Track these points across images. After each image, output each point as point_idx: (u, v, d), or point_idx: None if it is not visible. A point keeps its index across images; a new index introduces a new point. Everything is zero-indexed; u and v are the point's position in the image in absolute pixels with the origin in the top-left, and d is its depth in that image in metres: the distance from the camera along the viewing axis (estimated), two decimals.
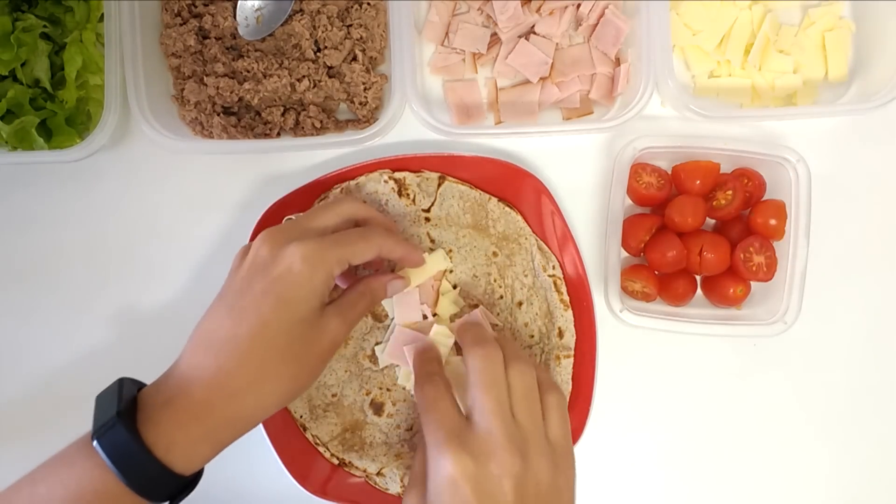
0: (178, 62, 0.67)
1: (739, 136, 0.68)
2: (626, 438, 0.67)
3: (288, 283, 0.48)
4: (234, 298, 0.49)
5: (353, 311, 0.54)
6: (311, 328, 0.49)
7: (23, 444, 0.67)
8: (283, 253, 0.49)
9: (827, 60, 0.69)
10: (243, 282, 0.50)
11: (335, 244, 0.51)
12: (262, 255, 0.50)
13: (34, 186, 0.69)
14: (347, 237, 0.52)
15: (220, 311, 0.50)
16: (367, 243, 0.53)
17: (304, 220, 0.54)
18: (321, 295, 0.50)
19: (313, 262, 0.49)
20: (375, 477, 0.63)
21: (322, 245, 0.50)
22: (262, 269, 0.49)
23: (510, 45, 0.68)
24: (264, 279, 0.49)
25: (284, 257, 0.49)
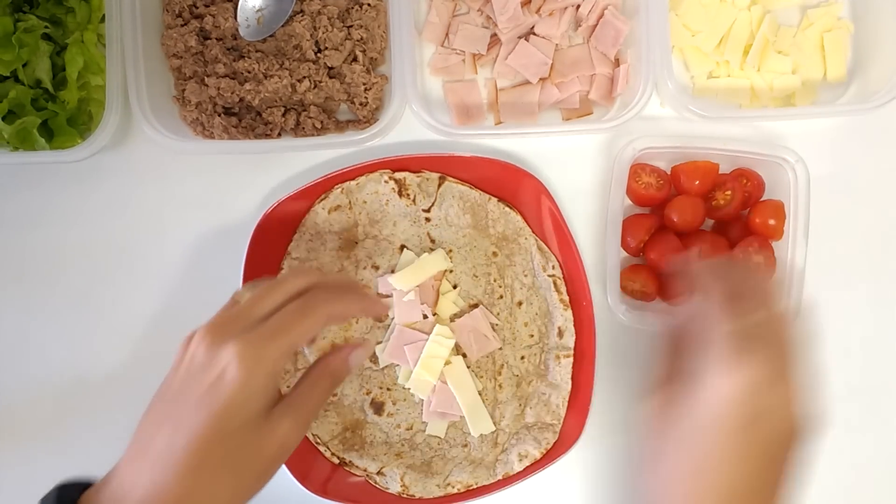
0: (179, 63, 0.67)
1: (738, 137, 0.68)
2: (627, 436, 0.67)
3: (221, 393, 0.44)
4: (171, 404, 0.46)
5: (307, 406, 0.49)
6: (253, 436, 0.45)
7: (23, 443, 0.67)
8: (218, 355, 0.45)
9: (825, 61, 0.69)
10: (181, 385, 0.46)
11: (273, 335, 0.46)
12: (198, 358, 0.46)
13: (36, 187, 0.69)
14: (284, 321, 0.47)
15: (158, 416, 0.46)
16: (311, 318, 0.48)
17: (244, 309, 0.48)
18: (263, 398, 0.45)
19: (249, 364, 0.44)
20: (376, 476, 0.64)
21: (258, 340, 0.45)
22: (198, 373, 0.45)
23: (510, 46, 0.68)
24: (199, 387, 0.44)
25: (219, 361, 0.44)
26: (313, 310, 0.48)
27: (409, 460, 0.64)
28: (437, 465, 0.64)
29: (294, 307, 0.48)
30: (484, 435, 0.64)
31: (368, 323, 0.65)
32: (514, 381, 0.65)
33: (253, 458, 0.45)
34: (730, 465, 0.44)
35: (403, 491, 0.63)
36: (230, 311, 0.48)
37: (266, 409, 0.46)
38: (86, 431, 0.67)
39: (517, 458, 0.63)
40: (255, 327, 0.46)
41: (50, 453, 0.67)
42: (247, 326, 0.46)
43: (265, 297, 0.49)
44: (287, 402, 0.48)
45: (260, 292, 0.49)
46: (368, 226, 0.66)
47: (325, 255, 0.65)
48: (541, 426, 0.64)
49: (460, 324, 0.65)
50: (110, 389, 0.67)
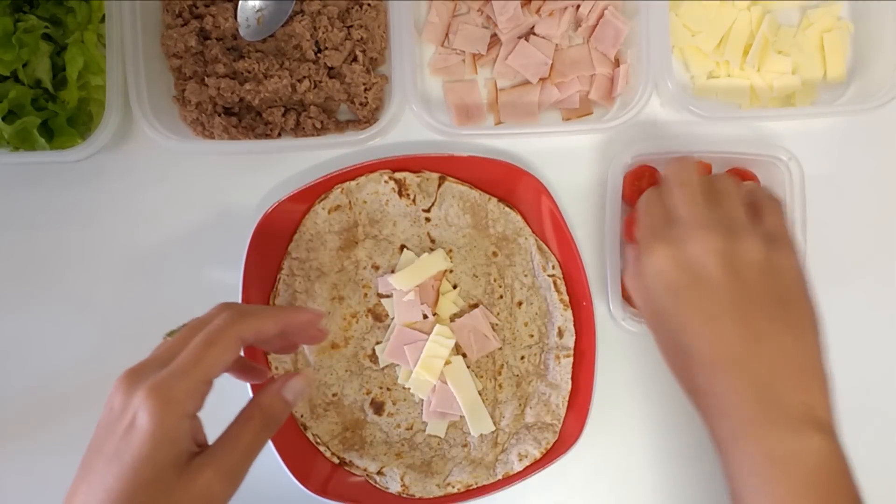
0: (179, 63, 0.67)
1: (732, 138, 0.68)
2: (627, 438, 0.67)
3: (132, 443, 0.41)
4: (91, 459, 0.43)
5: (234, 453, 0.43)
6: (168, 490, 0.41)
7: (23, 444, 0.67)
8: (130, 403, 0.42)
9: (825, 61, 0.69)
10: (99, 439, 0.43)
11: (179, 373, 0.42)
12: (114, 407, 0.43)
13: (36, 187, 0.69)
14: (190, 355, 0.43)
15: (81, 472, 0.43)
16: (219, 346, 0.44)
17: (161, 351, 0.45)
18: (176, 444, 0.41)
19: (157, 407, 0.40)
20: (376, 476, 0.64)
21: (165, 381, 0.42)
22: (114, 424, 0.42)
23: (510, 46, 0.68)
24: (113, 438, 0.42)
25: (130, 408, 0.41)
26: (220, 336, 0.44)
27: (409, 460, 0.64)
28: (437, 465, 0.64)
29: (199, 338, 0.44)
30: (484, 435, 0.64)
31: (369, 322, 0.66)
32: (513, 381, 0.65)
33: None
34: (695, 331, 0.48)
35: (403, 491, 0.63)
36: (147, 359, 0.46)
37: (183, 456, 0.42)
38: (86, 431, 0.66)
39: (517, 458, 0.63)
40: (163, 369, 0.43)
41: (50, 453, 0.67)
42: (159, 370, 0.43)
43: (185, 337, 0.45)
44: (211, 449, 0.43)
45: (181, 333, 0.46)
46: (368, 226, 0.66)
47: (325, 255, 0.65)
48: (541, 426, 0.64)
49: (460, 324, 0.65)
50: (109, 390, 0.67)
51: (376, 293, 0.66)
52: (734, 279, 0.48)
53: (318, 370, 0.65)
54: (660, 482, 0.67)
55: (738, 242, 0.49)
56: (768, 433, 0.46)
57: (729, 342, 0.47)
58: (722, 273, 0.48)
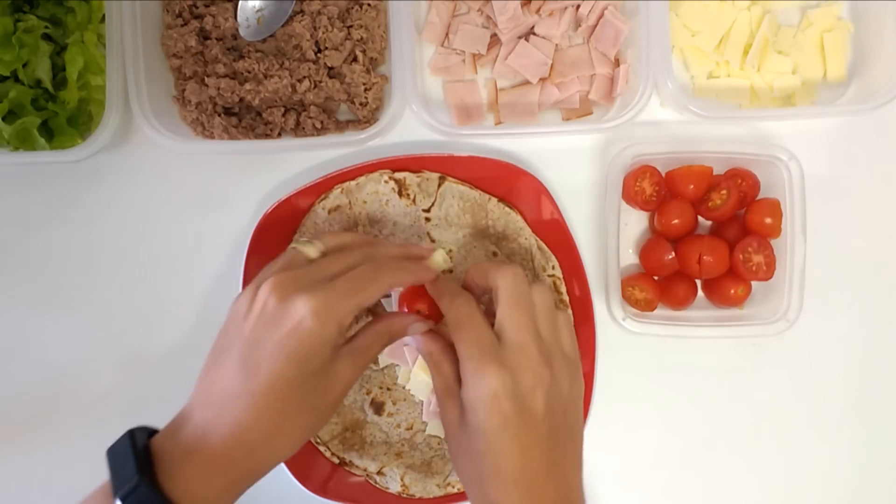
0: (179, 63, 0.67)
1: (731, 138, 0.68)
2: (628, 439, 0.67)
3: (299, 339, 0.47)
4: (246, 350, 0.48)
5: (366, 356, 0.53)
6: (324, 378, 0.49)
7: (23, 444, 0.67)
8: (292, 306, 0.48)
9: (825, 61, 0.69)
10: (253, 333, 0.49)
11: (344, 294, 0.49)
12: (270, 307, 0.49)
13: (36, 187, 0.69)
14: (356, 283, 0.51)
15: (231, 363, 0.48)
16: (378, 285, 0.51)
17: (312, 269, 0.52)
18: (333, 346, 0.49)
19: (323, 317, 0.48)
20: (376, 476, 0.64)
21: (331, 297, 0.49)
22: (272, 322, 0.48)
23: (510, 46, 0.68)
24: (275, 333, 0.48)
25: (295, 312, 0.48)
26: (380, 277, 0.52)
27: (409, 460, 0.64)
28: (437, 465, 0.64)
29: (364, 271, 0.51)
30: None
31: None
32: None
33: (324, 397, 0.49)
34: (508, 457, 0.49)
35: (403, 491, 0.63)
36: (299, 270, 0.51)
37: (334, 354, 0.50)
38: (86, 431, 0.67)
39: None
40: (325, 285, 0.49)
41: (50, 453, 0.67)
42: (316, 283, 0.49)
43: (332, 261, 0.52)
44: (350, 347, 0.51)
45: (331, 257, 0.53)
46: (368, 226, 0.66)
47: None
48: None
49: None
50: (110, 389, 0.67)
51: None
52: (549, 414, 0.50)
53: None
54: (661, 482, 0.67)
55: (555, 374, 0.52)
56: None
57: (534, 469, 0.49)
58: (543, 408, 0.50)
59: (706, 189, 0.65)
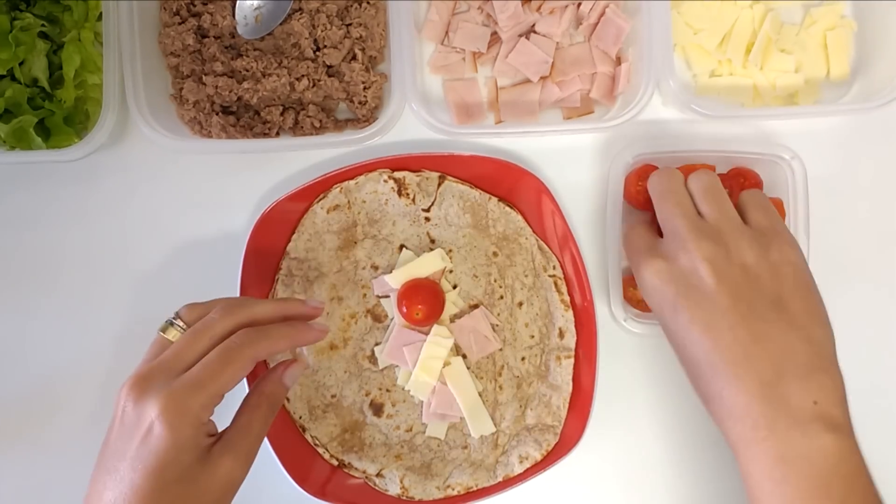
0: (176, 61, 0.66)
1: (734, 137, 0.68)
2: (629, 440, 0.67)
3: (151, 450, 0.45)
4: (111, 461, 0.46)
5: (247, 440, 0.49)
6: (193, 483, 0.46)
7: (23, 444, 0.67)
8: (143, 411, 0.45)
9: (828, 60, 0.68)
10: (116, 443, 0.47)
11: (193, 388, 0.46)
12: (127, 413, 0.46)
13: (32, 186, 0.69)
14: (205, 371, 0.47)
15: (103, 473, 0.46)
16: (234, 365, 0.48)
17: (168, 359, 0.48)
18: (194, 448, 0.46)
19: (172, 420, 0.45)
20: (375, 478, 0.63)
21: (178, 395, 0.45)
22: (129, 430, 0.46)
23: (510, 44, 0.67)
24: (131, 444, 0.45)
25: (145, 417, 0.45)
26: (235, 355, 0.48)
27: (408, 462, 0.64)
28: (436, 467, 0.64)
29: (214, 355, 0.48)
30: (484, 436, 0.64)
31: (368, 323, 0.65)
32: (514, 383, 0.65)
33: (198, 501, 0.46)
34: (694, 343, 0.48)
35: (403, 493, 0.62)
36: (154, 362, 0.48)
37: (202, 454, 0.46)
38: (83, 432, 0.66)
39: (518, 460, 0.63)
40: (173, 381, 0.46)
41: (46, 454, 0.67)
42: (169, 378, 0.47)
43: (191, 343, 0.49)
44: (225, 439, 0.48)
45: (185, 338, 0.49)
46: (367, 225, 0.66)
47: (324, 254, 0.65)
48: (541, 428, 0.63)
49: (460, 324, 0.64)
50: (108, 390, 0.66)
51: (375, 294, 0.65)
52: (728, 286, 0.48)
53: (316, 371, 0.64)
54: (662, 484, 0.67)
55: (728, 246, 0.49)
56: (777, 435, 0.46)
57: (728, 347, 0.47)
58: (714, 280, 0.48)
59: None
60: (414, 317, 0.62)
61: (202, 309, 0.52)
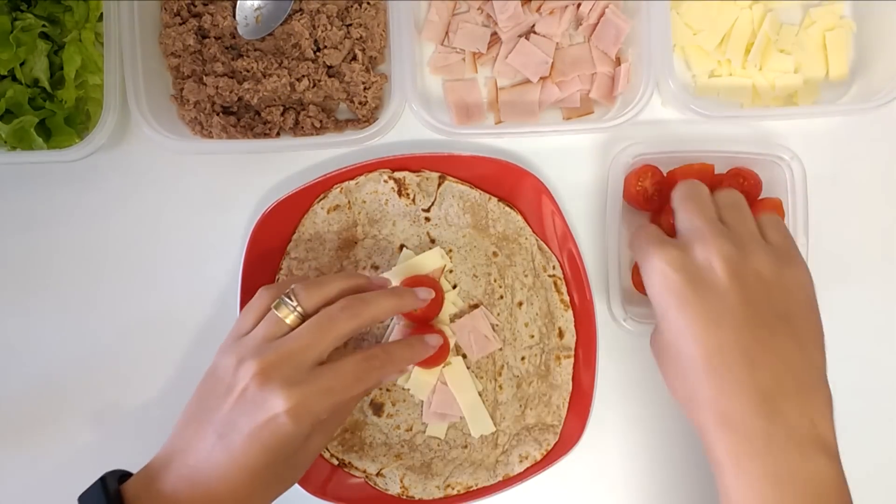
0: (177, 62, 0.66)
1: (734, 138, 0.68)
2: (629, 439, 0.67)
3: (273, 433, 0.48)
4: (224, 429, 0.48)
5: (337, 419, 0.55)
6: (293, 457, 0.50)
7: (23, 444, 0.67)
8: (270, 398, 0.47)
9: (828, 60, 0.68)
10: (231, 413, 0.49)
11: (325, 393, 0.49)
12: (250, 392, 0.48)
13: (33, 186, 0.69)
14: (341, 381, 0.50)
15: (210, 434, 0.49)
16: (365, 383, 0.52)
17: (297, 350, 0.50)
18: (306, 435, 0.50)
19: (299, 417, 0.48)
20: (375, 477, 0.63)
21: (310, 396, 0.48)
22: (250, 408, 0.48)
23: (510, 45, 0.67)
24: (251, 421, 0.48)
25: (272, 405, 0.47)
26: (368, 375, 0.52)
27: (408, 461, 0.64)
28: (437, 467, 0.64)
29: (351, 368, 0.51)
30: (484, 436, 0.64)
31: None
32: (514, 382, 0.65)
33: (294, 471, 0.52)
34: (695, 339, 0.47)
35: (403, 492, 0.63)
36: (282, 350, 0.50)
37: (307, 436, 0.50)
38: (84, 432, 0.66)
39: (518, 460, 0.63)
40: (306, 378, 0.49)
41: (47, 454, 0.67)
42: (299, 372, 0.49)
43: (318, 338, 0.50)
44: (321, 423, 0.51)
45: (311, 332, 0.50)
46: (368, 225, 0.66)
47: (325, 255, 0.65)
48: (541, 427, 0.64)
49: (460, 324, 0.64)
50: (108, 390, 0.67)
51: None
52: (740, 287, 0.47)
53: None
54: (661, 484, 0.67)
55: (746, 252, 0.49)
56: (773, 452, 0.44)
57: (731, 349, 0.45)
58: (728, 279, 0.47)
59: (709, 187, 0.65)
60: (413, 313, 0.62)
61: (319, 294, 0.53)
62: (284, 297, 0.52)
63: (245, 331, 0.52)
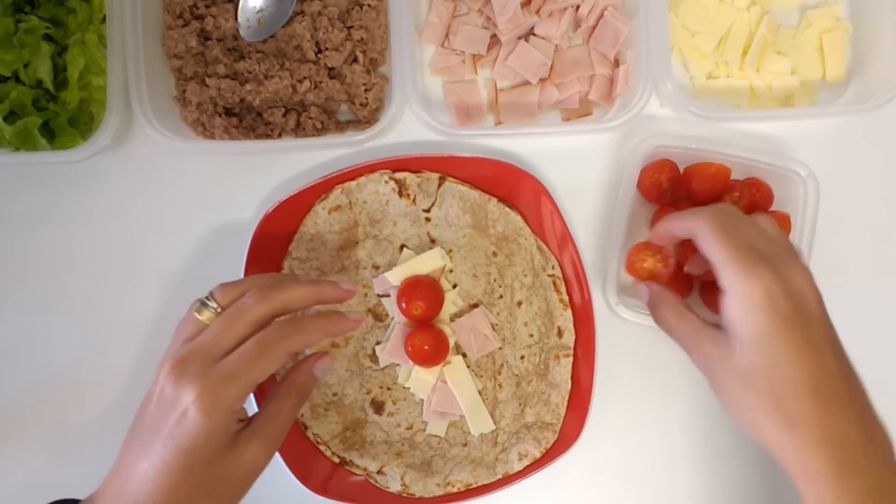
0: (179, 63, 0.67)
1: (752, 146, 0.67)
2: (627, 437, 0.67)
3: (185, 431, 0.47)
4: (145, 435, 0.48)
5: (274, 428, 0.51)
6: (221, 465, 0.48)
7: (29, 441, 0.67)
8: (181, 394, 0.47)
9: (824, 61, 0.69)
10: (152, 418, 0.49)
11: (229, 377, 0.48)
12: (166, 393, 0.48)
13: (37, 187, 0.69)
14: (240, 363, 0.49)
15: (135, 445, 0.49)
16: (268, 358, 0.49)
17: (206, 344, 0.49)
18: (224, 434, 0.48)
19: (207, 407, 0.47)
20: (376, 475, 0.64)
21: (214, 384, 0.47)
22: (166, 409, 0.48)
23: (510, 47, 0.68)
24: (167, 423, 0.48)
25: (181, 401, 0.47)
26: (271, 349, 0.50)
27: (409, 459, 0.64)
28: (437, 465, 0.64)
29: (251, 347, 0.49)
30: (484, 434, 0.64)
31: (369, 322, 0.66)
32: (513, 381, 0.65)
33: (223, 483, 0.49)
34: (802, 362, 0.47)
35: (403, 490, 0.63)
36: (192, 345, 0.50)
37: (231, 439, 0.49)
38: (88, 432, 0.67)
39: (517, 458, 0.63)
40: (210, 368, 0.48)
41: (52, 454, 0.67)
42: (206, 364, 0.48)
43: (227, 329, 0.50)
44: (254, 425, 0.50)
45: (221, 323, 0.50)
46: (369, 226, 0.66)
47: (326, 255, 0.66)
48: (541, 425, 0.64)
49: (460, 323, 0.65)
50: (112, 389, 0.67)
51: (376, 293, 0.66)
52: (826, 316, 0.49)
53: None
54: (660, 481, 0.67)
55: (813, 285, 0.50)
56: (874, 468, 0.47)
57: (832, 375, 0.47)
58: (819, 308, 0.49)
59: (722, 190, 0.65)
60: (413, 313, 0.63)
61: (236, 290, 0.53)
62: (204, 299, 0.53)
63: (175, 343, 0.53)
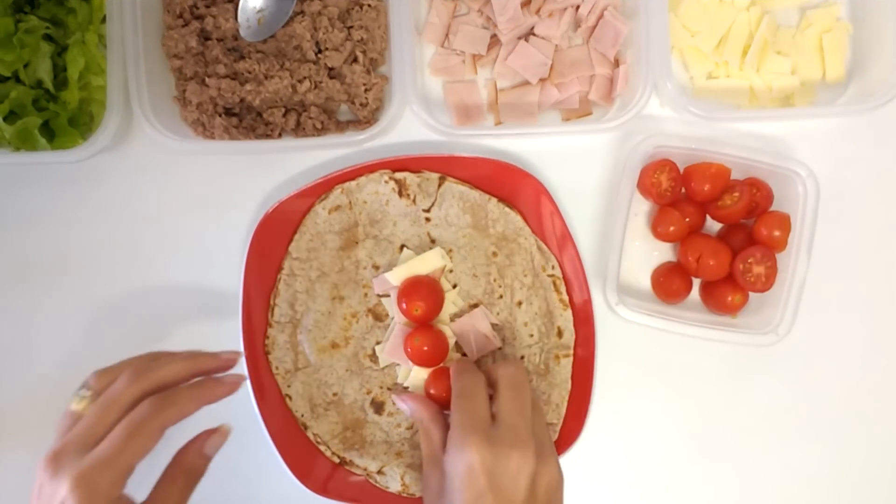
0: (179, 63, 0.67)
1: (753, 146, 0.67)
2: (625, 437, 0.67)
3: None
4: None
5: None
6: None
7: (23, 443, 0.67)
8: (57, 489, 0.45)
9: (824, 62, 0.69)
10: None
11: (103, 464, 0.46)
12: (44, 490, 0.46)
13: (37, 187, 0.69)
14: (112, 447, 0.46)
15: None
16: (141, 437, 0.47)
17: (79, 434, 0.47)
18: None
19: (82, 497, 0.44)
20: (376, 475, 0.64)
21: (89, 473, 0.45)
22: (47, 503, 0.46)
23: (510, 47, 0.68)
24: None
25: (58, 494, 0.45)
26: (141, 428, 0.47)
27: (409, 459, 0.64)
28: None
29: (121, 430, 0.47)
30: None
31: (369, 322, 0.66)
32: None
33: None
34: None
35: (403, 490, 0.63)
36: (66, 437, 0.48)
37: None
38: None
39: None
40: (84, 457, 0.46)
41: None
42: (80, 455, 0.46)
43: (100, 416, 0.48)
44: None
45: (94, 411, 0.49)
46: (369, 226, 0.66)
47: (326, 255, 0.66)
48: None
49: (460, 323, 0.65)
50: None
51: (376, 293, 0.66)
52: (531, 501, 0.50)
53: (318, 370, 0.65)
54: (659, 480, 0.67)
55: (546, 464, 0.51)
56: None
57: None
58: (524, 494, 0.50)
59: (721, 190, 0.65)
60: (413, 313, 0.63)
61: (110, 375, 0.51)
62: (79, 389, 0.51)
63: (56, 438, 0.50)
